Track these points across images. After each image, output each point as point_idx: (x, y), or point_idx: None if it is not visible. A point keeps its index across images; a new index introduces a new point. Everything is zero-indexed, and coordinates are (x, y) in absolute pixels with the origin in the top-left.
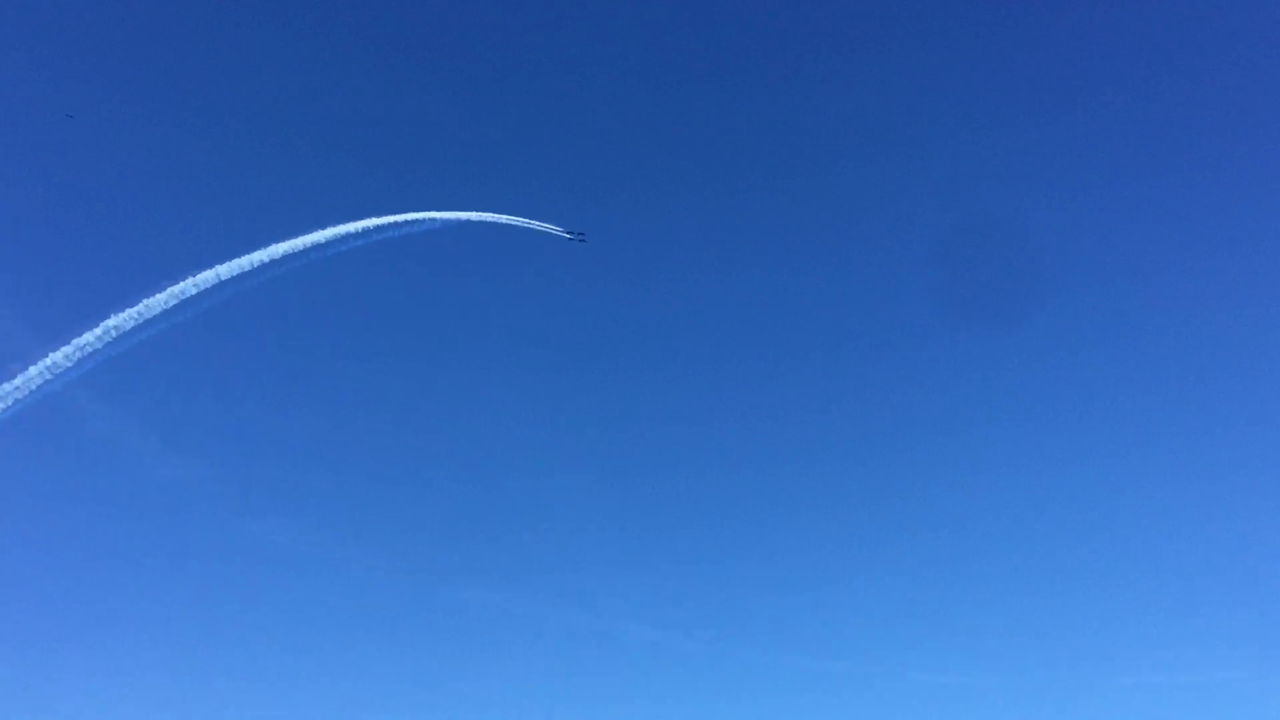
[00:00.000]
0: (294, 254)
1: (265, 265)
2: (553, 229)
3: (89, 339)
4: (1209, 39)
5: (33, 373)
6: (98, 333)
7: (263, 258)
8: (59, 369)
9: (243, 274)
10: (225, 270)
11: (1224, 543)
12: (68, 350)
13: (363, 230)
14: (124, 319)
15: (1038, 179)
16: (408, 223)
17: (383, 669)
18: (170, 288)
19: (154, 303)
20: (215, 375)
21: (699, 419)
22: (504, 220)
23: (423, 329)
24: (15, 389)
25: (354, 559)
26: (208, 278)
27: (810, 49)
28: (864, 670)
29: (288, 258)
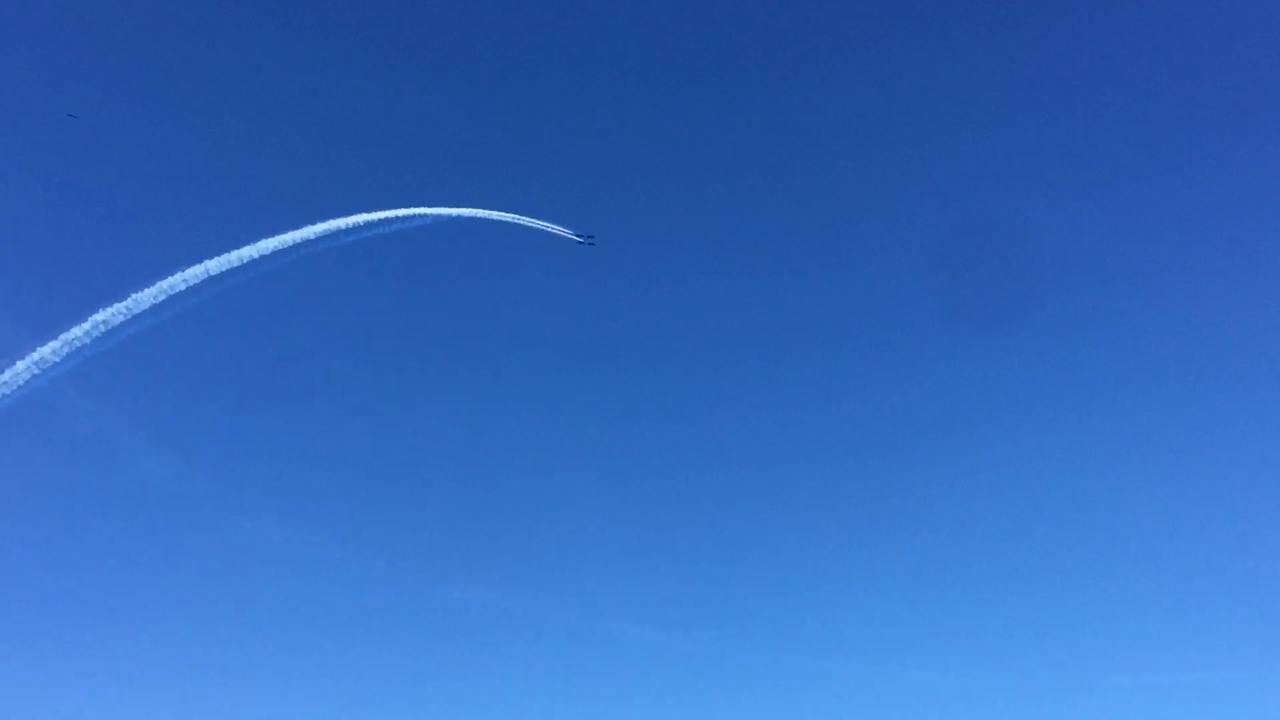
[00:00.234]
0: (286, 249)
1: (255, 261)
2: (563, 231)
3: (77, 334)
4: (1209, 39)
5: (20, 368)
6: (86, 328)
7: (252, 253)
8: (46, 365)
9: (234, 269)
10: (215, 265)
11: (1223, 543)
12: (55, 346)
13: (362, 224)
14: (112, 314)
15: (1038, 179)
16: (414, 217)
17: (376, 668)
18: (159, 283)
19: (143, 298)
20: (205, 372)
21: (698, 419)
22: (515, 220)
23: (419, 327)
24: (1, 385)
25: (348, 558)
26: (197, 273)
27: (810, 49)
28: (863, 670)
29: (279, 253)
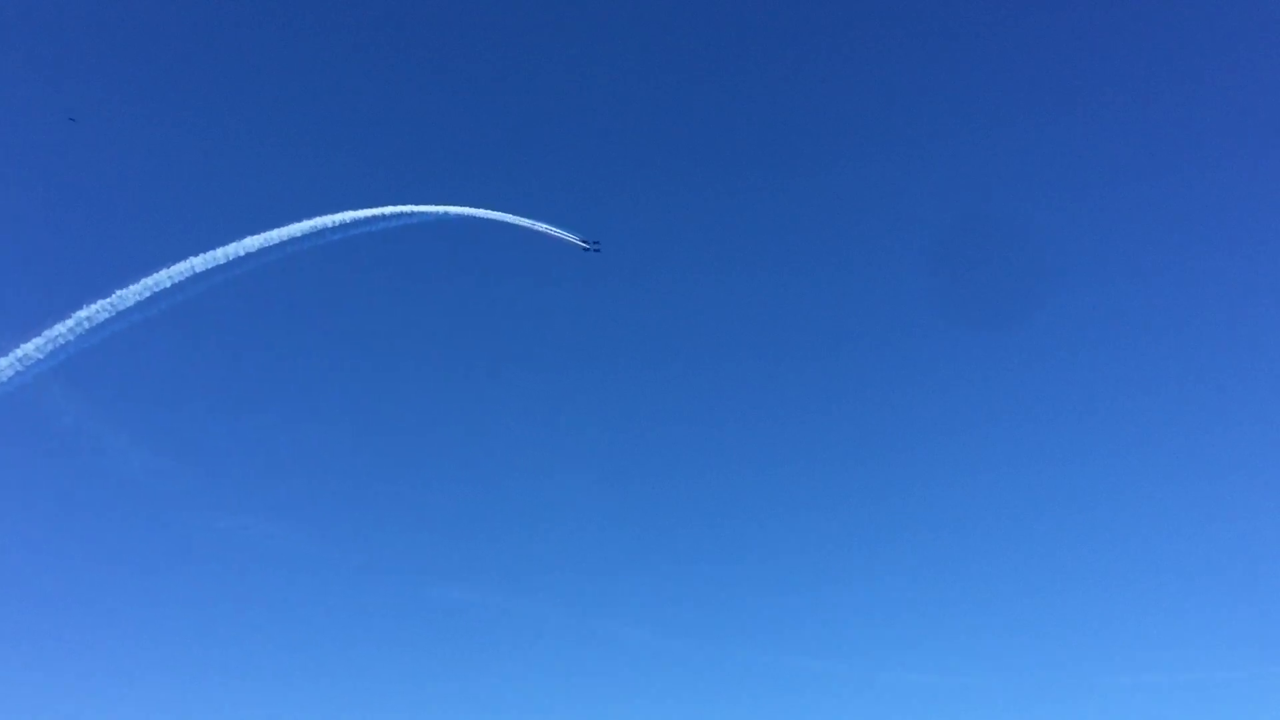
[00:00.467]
0: (271, 247)
1: (241, 259)
2: (568, 237)
3: (60, 331)
4: (1209, 39)
5: (3, 365)
6: (69, 324)
7: (238, 251)
8: (29, 361)
9: (219, 267)
10: (200, 262)
11: (1223, 543)
12: (38, 342)
13: (354, 221)
14: (96, 311)
15: (1038, 179)
16: (412, 215)
17: (360, 667)
18: (144, 280)
19: (127, 295)
20: (190, 370)
21: (696, 419)
22: (522, 223)
23: (412, 325)
24: None
25: (333, 556)
26: (182, 270)
27: (810, 49)
28: (862, 670)
29: (262, 251)
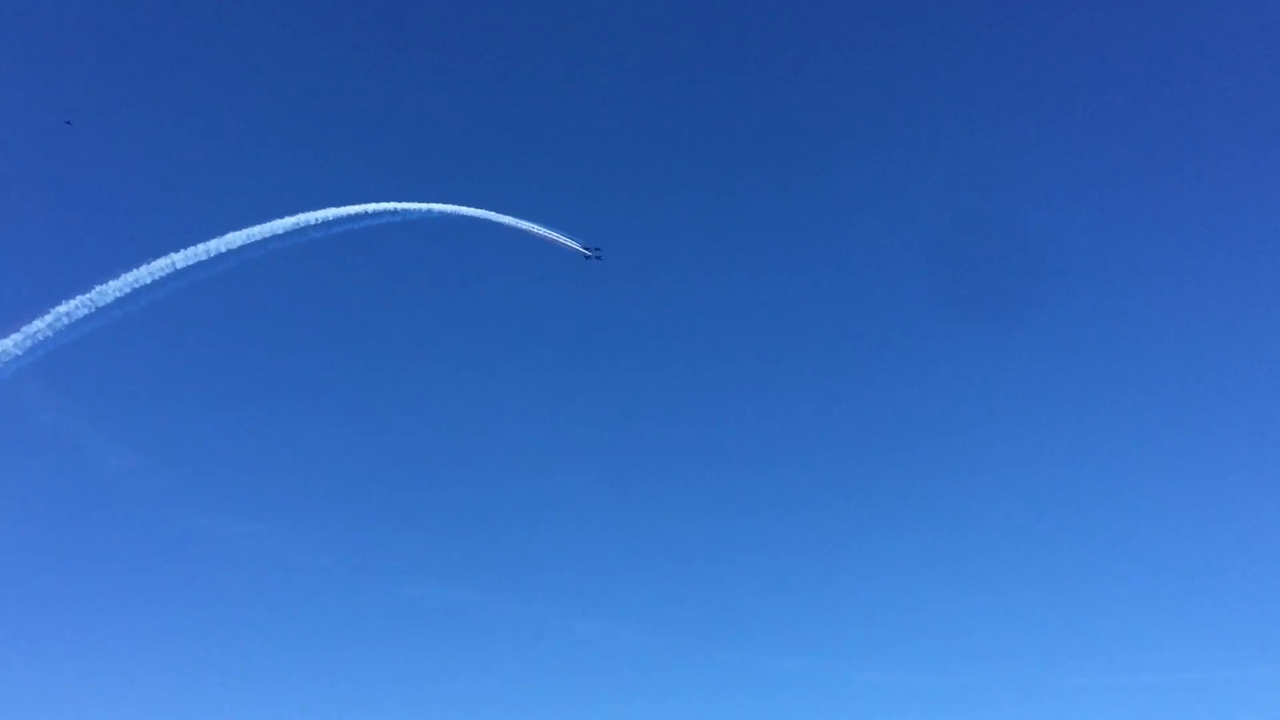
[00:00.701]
0: (259, 242)
1: (223, 255)
2: (571, 244)
3: (39, 327)
4: (1209, 39)
5: None
6: (48, 320)
7: (220, 247)
8: (7, 358)
9: (200, 264)
10: (180, 259)
11: (1220, 542)
12: (16, 338)
13: (337, 219)
14: (75, 307)
15: (1038, 179)
16: (414, 212)
17: (340, 665)
18: (124, 276)
19: (107, 291)
20: (169, 367)
21: (688, 419)
22: (525, 226)
23: (400, 324)
24: None
25: (312, 555)
26: (163, 265)
27: (810, 49)
28: (840, 670)
29: (245, 247)
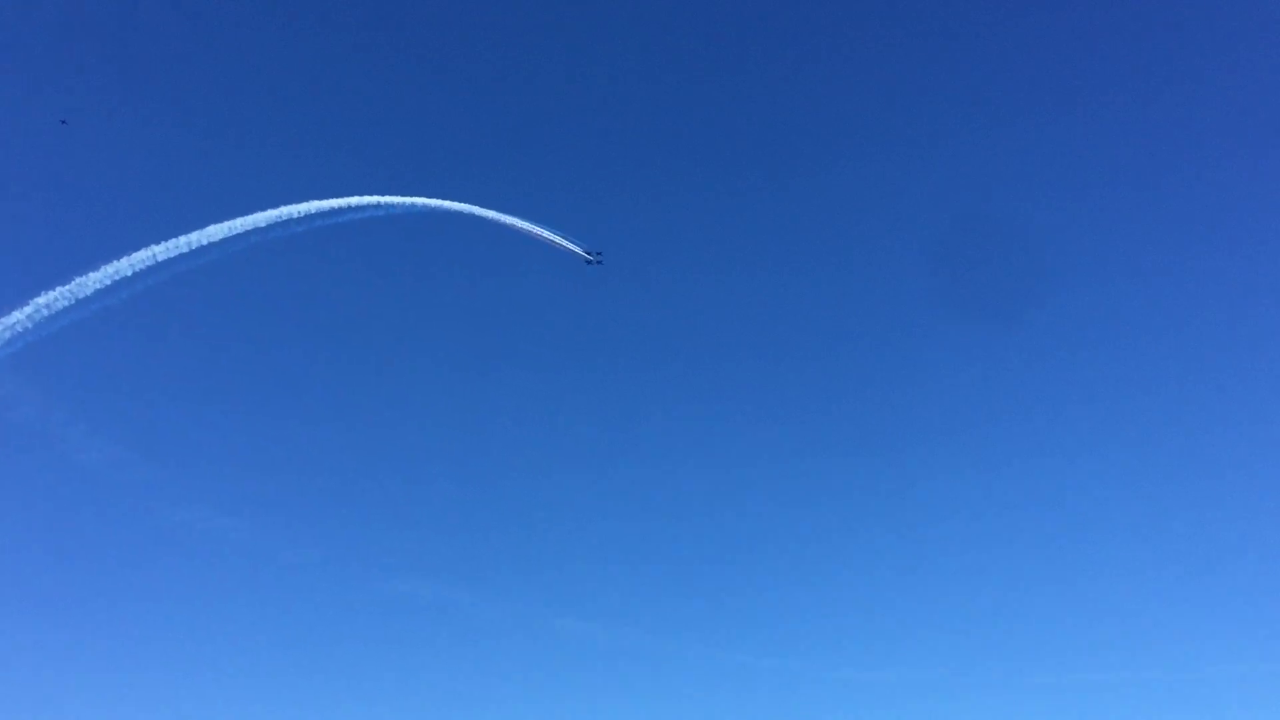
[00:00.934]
0: (236, 236)
1: (205, 248)
2: (573, 247)
3: (17, 318)
4: (1209, 39)
5: None
6: (28, 311)
7: (201, 239)
8: None
9: (182, 255)
10: (161, 250)
11: (1219, 542)
12: None
13: (317, 212)
14: (54, 298)
15: (1038, 179)
16: (415, 206)
17: (319, 660)
18: (104, 267)
19: (86, 282)
20: (149, 360)
21: (681, 419)
22: (528, 228)
23: (387, 320)
24: None
25: (292, 549)
26: (144, 258)
27: (810, 49)
28: (860, 670)
29: (228, 240)
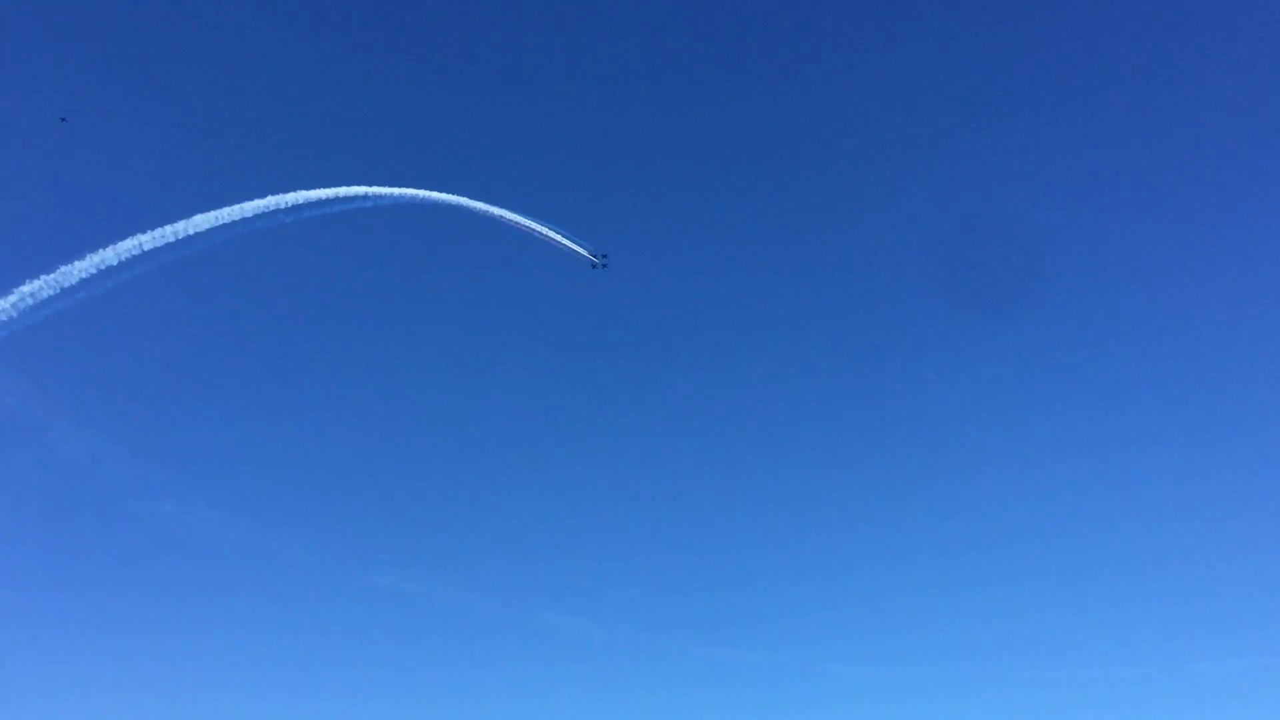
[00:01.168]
0: (222, 226)
1: (191, 238)
2: (579, 249)
3: (2, 307)
4: (1209, 39)
5: None
6: (11, 300)
7: (188, 229)
8: None
9: (169, 244)
10: (148, 240)
11: (1218, 542)
12: None
13: (304, 203)
14: (39, 288)
15: (1038, 179)
16: (419, 199)
17: (302, 655)
18: (90, 256)
19: (71, 271)
20: (133, 352)
21: (691, 418)
22: (534, 228)
23: (377, 314)
24: None
25: (276, 543)
26: (130, 247)
27: (811, 50)
28: (862, 671)
29: (213, 230)
